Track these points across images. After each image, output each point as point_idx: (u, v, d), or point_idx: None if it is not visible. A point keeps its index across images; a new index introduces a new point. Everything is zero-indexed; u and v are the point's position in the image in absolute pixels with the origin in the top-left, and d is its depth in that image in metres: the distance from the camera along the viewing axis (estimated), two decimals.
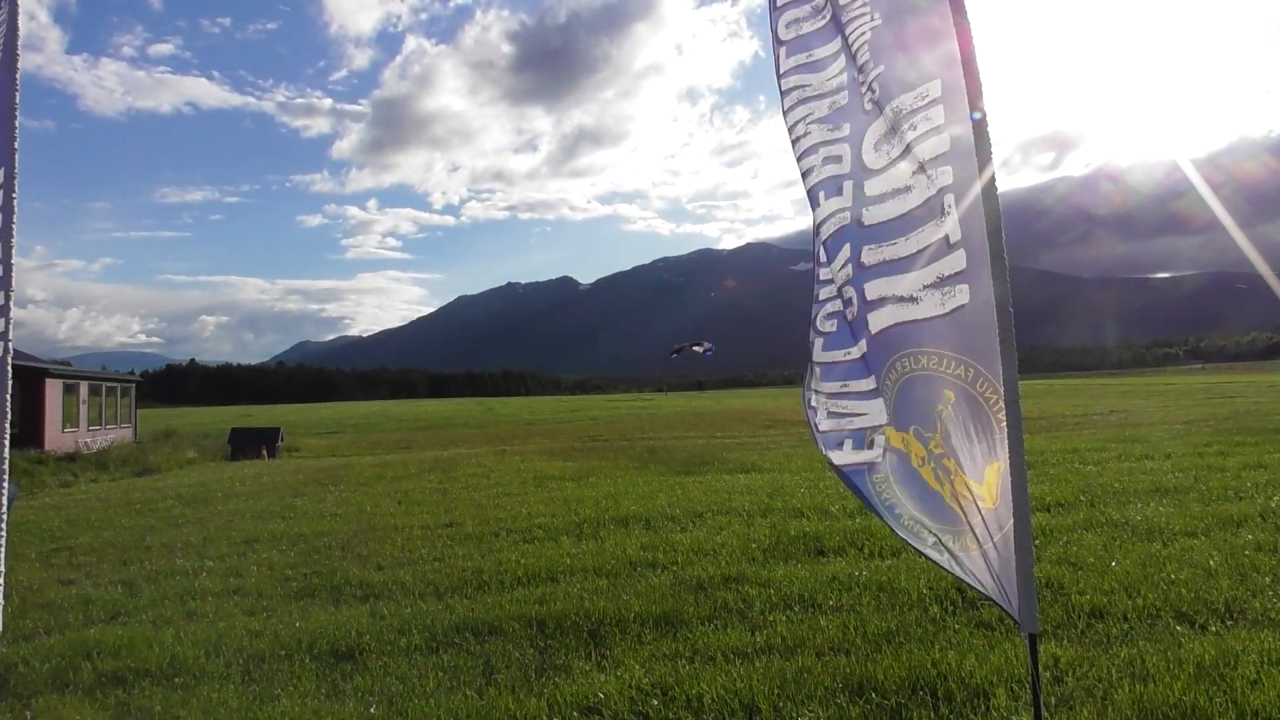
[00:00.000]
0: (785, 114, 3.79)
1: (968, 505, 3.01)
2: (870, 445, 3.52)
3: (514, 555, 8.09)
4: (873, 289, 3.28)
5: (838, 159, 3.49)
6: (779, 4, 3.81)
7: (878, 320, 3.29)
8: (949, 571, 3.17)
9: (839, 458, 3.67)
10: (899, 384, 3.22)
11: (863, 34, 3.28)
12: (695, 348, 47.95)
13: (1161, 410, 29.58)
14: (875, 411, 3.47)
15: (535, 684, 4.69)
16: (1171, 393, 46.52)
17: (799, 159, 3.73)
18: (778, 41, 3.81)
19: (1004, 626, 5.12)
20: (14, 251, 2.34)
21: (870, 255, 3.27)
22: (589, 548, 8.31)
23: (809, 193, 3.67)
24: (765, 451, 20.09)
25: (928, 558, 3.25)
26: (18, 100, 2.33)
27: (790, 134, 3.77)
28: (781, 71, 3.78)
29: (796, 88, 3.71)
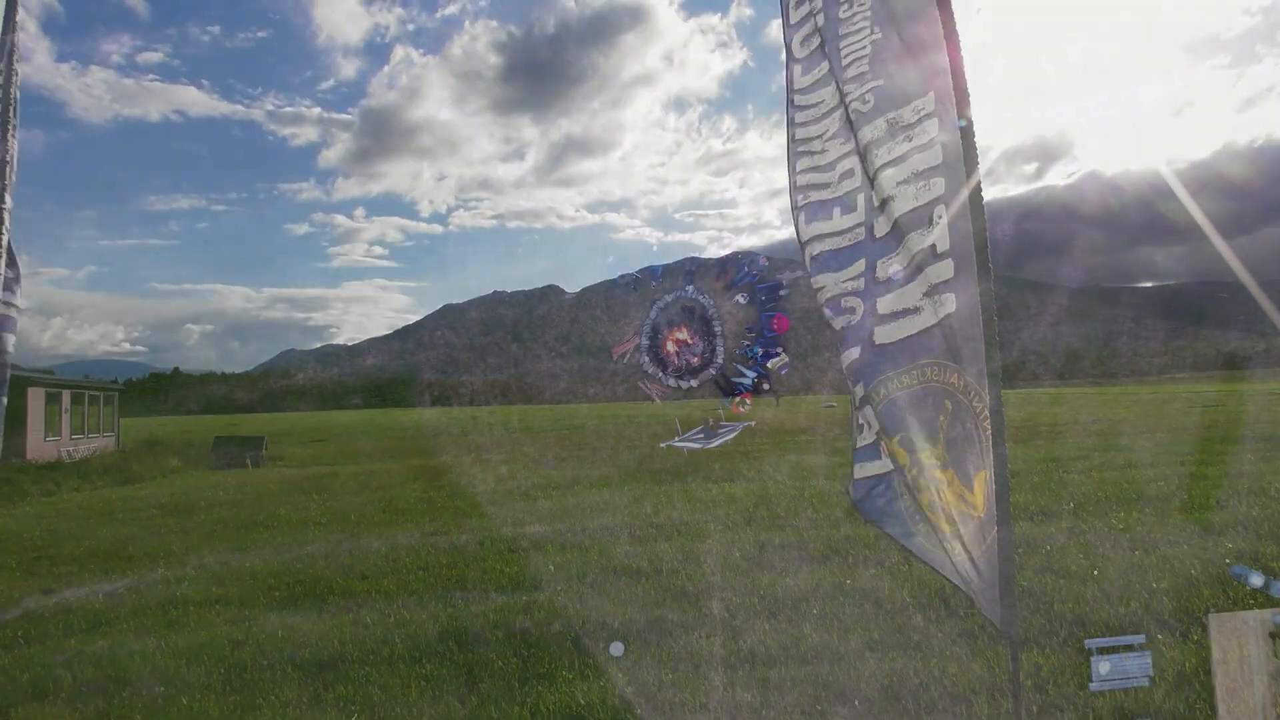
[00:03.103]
0: (796, 130, 3.72)
1: (948, 514, 3.02)
2: (881, 455, 3.46)
3: (498, 564, 8.07)
4: (884, 303, 3.25)
5: (850, 173, 3.45)
6: (793, 21, 3.74)
7: (885, 334, 3.24)
8: (941, 575, 3.16)
9: (863, 470, 3.55)
10: (893, 395, 3.20)
11: (863, 48, 3.28)
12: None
13: (1144, 419, 29.74)
14: (870, 419, 3.42)
15: (518, 692, 4.68)
16: (1155, 401, 46.77)
17: (809, 173, 3.66)
18: (792, 59, 3.73)
19: (986, 635, 5.15)
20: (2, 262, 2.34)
21: (883, 269, 3.26)
22: (573, 556, 8.29)
23: (815, 207, 3.63)
24: (750, 460, 20.08)
25: (926, 563, 3.24)
26: (15, 129, 2.33)
27: (800, 151, 3.70)
28: (796, 89, 3.71)
29: (812, 105, 3.66)
